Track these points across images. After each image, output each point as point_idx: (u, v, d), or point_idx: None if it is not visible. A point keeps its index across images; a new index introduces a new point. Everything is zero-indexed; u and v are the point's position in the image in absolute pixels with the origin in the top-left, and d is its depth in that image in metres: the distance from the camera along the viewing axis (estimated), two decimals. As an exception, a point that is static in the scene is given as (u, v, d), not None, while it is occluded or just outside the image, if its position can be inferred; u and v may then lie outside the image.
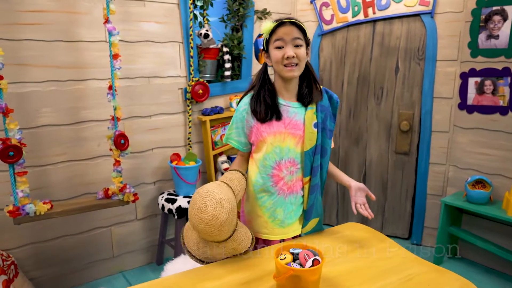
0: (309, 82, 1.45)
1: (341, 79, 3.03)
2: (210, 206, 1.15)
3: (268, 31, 1.35)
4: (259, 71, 1.45)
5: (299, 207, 1.51)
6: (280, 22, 1.34)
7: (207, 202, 1.16)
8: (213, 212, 1.15)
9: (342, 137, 3.12)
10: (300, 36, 1.35)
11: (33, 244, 2.22)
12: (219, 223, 1.16)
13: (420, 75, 2.74)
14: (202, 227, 1.16)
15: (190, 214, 1.18)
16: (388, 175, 3.00)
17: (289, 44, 1.33)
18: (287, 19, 1.34)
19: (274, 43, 1.35)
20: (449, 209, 2.56)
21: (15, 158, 1.79)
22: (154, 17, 2.39)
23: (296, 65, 1.36)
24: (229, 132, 1.49)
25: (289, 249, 1.17)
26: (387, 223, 3.08)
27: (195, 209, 1.17)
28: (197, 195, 1.20)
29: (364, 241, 1.47)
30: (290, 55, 1.33)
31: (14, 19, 1.97)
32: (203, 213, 1.15)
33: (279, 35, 1.34)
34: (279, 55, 1.34)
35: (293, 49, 1.34)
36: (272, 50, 1.36)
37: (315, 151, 1.46)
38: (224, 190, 1.23)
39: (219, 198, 1.18)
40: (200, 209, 1.16)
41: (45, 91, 2.11)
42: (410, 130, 2.84)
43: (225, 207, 1.17)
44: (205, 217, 1.15)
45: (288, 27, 1.33)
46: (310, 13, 3.00)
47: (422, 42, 2.70)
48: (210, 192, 1.18)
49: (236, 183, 1.31)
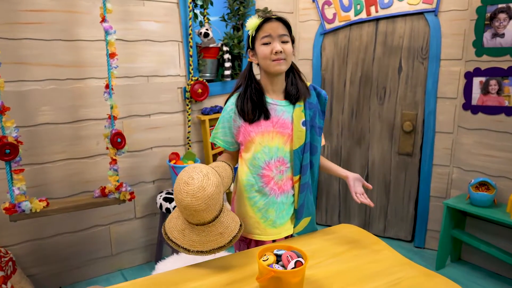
0: (295, 79, 1.44)
1: (343, 78, 3.00)
2: (197, 179, 1.13)
3: (254, 28, 1.35)
4: (244, 71, 1.43)
5: (291, 207, 1.49)
6: (266, 18, 1.33)
7: (194, 175, 1.14)
8: (200, 184, 1.12)
9: (344, 137, 3.09)
10: (286, 33, 1.35)
11: (32, 241, 2.24)
12: (206, 195, 1.12)
13: (424, 75, 2.69)
14: (189, 200, 1.11)
15: (176, 189, 1.15)
16: (391, 177, 2.95)
17: (276, 39, 1.33)
18: (273, 16, 1.34)
19: (262, 40, 1.34)
20: (452, 212, 2.50)
21: (11, 155, 1.81)
22: (154, 16, 2.40)
23: (283, 60, 1.35)
24: (216, 131, 1.48)
25: (273, 250, 1.16)
26: (389, 225, 3.03)
27: (181, 184, 1.14)
28: (182, 172, 1.18)
29: (356, 243, 1.45)
30: (278, 50, 1.32)
31: (14, 18, 1.99)
32: (190, 186, 1.12)
33: (266, 31, 1.33)
34: (267, 50, 1.33)
35: (280, 44, 1.33)
36: (259, 47, 1.36)
37: (304, 149, 1.44)
38: (210, 168, 1.21)
39: (206, 171, 1.16)
40: (186, 182, 1.13)
41: (45, 90, 2.13)
42: (413, 131, 2.78)
43: (212, 180, 1.15)
44: (192, 189, 1.11)
45: (275, 23, 1.33)
46: (312, 12, 2.97)
47: (425, 41, 2.65)
48: (196, 167, 1.17)
49: (221, 169, 1.30)
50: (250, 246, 1.50)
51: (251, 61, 1.43)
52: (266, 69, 1.39)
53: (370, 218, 3.10)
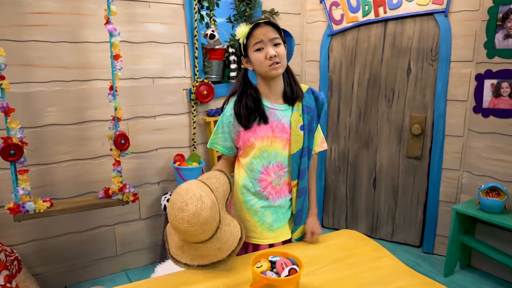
0: (289, 79, 1.42)
1: (351, 80, 2.95)
2: (191, 204, 1.12)
3: (245, 35, 1.33)
4: (239, 76, 1.42)
5: (288, 211, 1.47)
6: (255, 24, 1.32)
7: (187, 200, 1.13)
8: (194, 209, 1.11)
9: (351, 140, 3.04)
10: (277, 35, 1.33)
11: (38, 240, 2.27)
12: (201, 220, 1.12)
13: (433, 77, 2.63)
14: (184, 227, 1.12)
15: (170, 215, 1.15)
16: (399, 180, 2.89)
17: (268, 44, 1.31)
18: (261, 21, 1.32)
19: (254, 46, 1.33)
20: (461, 218, 2.44)
21: (16, 156, 1.84)
22: (159, 18, 2.40)
23: (279, 63, 1.33)
24: (215, 137, 1.47)
25: (268, 257, 1.14)
26: (397, 230, 2.97)
27: (175, 210, 1.13)
28: (175, 195, 1.17)
29: (356, 249, 1.42)
30: (272, 54, 1.30)
31: (21, 21, 2.02)
32: (184, 212, 1.12)
33: (257, 37, 1.31)
34: (261, 56, 1.32)
35: (273, 48, 1.31)
36: (253, 53, 1.34)
37: (301, 154, 1.42)
38: (202, 187, 1.20)
39: (199, 194, 1.15)
40: (180, 209, 1.12)
41: (51, 91, 2.16)
42: (422, 134, 2.73)
43: (206, 203, 1.14)
44: (187, 215, 1.11)
45: (264, 28, 1.32)
46: (320, 13, 2.94)
47: (435, 42, 2.59)
48: (189, 190, 1.15)
49: (214, 181, 1.28)
50: (248, 249, 1.49)
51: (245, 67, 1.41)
52: (262, 75, 1.37)
53: (378, 222, 3.05)
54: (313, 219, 1.49)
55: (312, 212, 1.51)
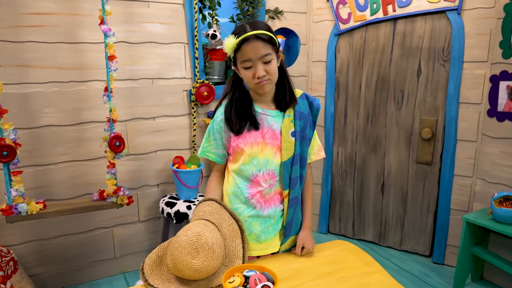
0: (282, 84, 1.34)
1: (358, 81, 2.84)
2: (202, 253, 1.07)
3: (232, 50, 1.21)
4: (229, 79, 1.34)
5: (278, 222, 1.39)
6: (244, 39, 1.18)
7: (199, 247, 1.07)
8: (205, 259, 1.07)
9: (359, 144, 2.93)
10: (269, 51, 1.21)
11: (36, 241, 2.27)
12: (210, 271, 1.09)
13: (445, 78, 2.49)
14: (191, 274, 1.07)
15: (177, 258, 1.06)
16: (408, 186, 2.76)
17: (257, 62, 1.20)
18: (251, 33, 1.18)
19: (242, 64, 1.22)
20: (473, 228, 2.29)
21: (9, 157, 1.82)
22: (159, 18, 2.37)
23: (267, 81, 1.24)
24: (207, 145, 1.39)
25: (243, 271, 1.07)
26: (406, 238, 2.84)
27: (183, 254, 1.06)
28: (185, 237, 1.08)
29: (346, 262, 1.32)
30: (261, 75, 1.20)
31: (18, 21, 2.02)
32: (194, 260, 1.06)
33: (246, 55, 1.19)
34: (249, 75, 1.22)
35: (263, 66, 1.21)
36: (241, 69, 1.24)
37: (293, 162, 1.34)
38: (213, 232, 1.14)
39: (212, 243, 1.09)
40: (190, 255, 1.06)
41: (48, 92, 2.15)
42: (432, 138, 2.59)
43: (216, 253, 1.09)
44: (197, 264, 1.06)
45: (254, 44, 1.18)
46: (327, 12, 2.84)
47: (447, 42, 2.45)
48: (201, 236, 1.08)
49: (217, 216, 1.22)
50: (234, 260, 1.42)
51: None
52: (251, 89, 1.31)
53: (386, 229, 2.92)
54: (307, 233, 1.40)
55: (306, 226, 1.42)
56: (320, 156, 1.45)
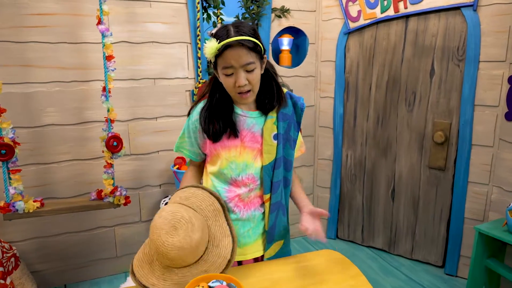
0: (269, 85, 1.27)
1: (368, 82, 2.73)
2: (180, 228, 1.02)
3: (213, 54, 1.13)
4: (210, 79, 1.29)
5: (258, 226, 1.34)
6: (226, 45, 1.10)
7: (176, 224, 1.02)
8: (185, 233, 1.02)
9: (369, 147, 2.81)
10: (252, 59, 1.13)
11: (38, 238, 2.30)
12: (194, 244, 1.03)
13: (460, 79, 2.35)
14: (175, 253, 1.01)
15: (157, 241, 1.01)
16: (420, 192, 2.63)
17: (239, 70, 1.12)
18: (234, 39, 1.09)
19: (223, 70, 1.14)
20: (486, 239, 2.14)
21: (7, 156, 1.85)
22: (161, 17, 2.35)
23: (249, 92, 1.18)
24: (181, 141, 1.36)
25: (209, 281, 1.02)
26: (417, 247, 2.70)
27: (162, 235, 1.01)
28: (160, 219, 1.04)
29: (330, 274, 1.25)
30: (242, 84, 1.13)
31: (21, 22, 2.05)
32: (174, 237, 1.01)
33: (227, 62, 1.11)
34: (230, 83, 1.15)
35: (245, 74, 1.13)
36: (221, 76, 1.16)
37: (274, 165, 1.28)
38: (189, 209, 1.10)
39: (188, 216, 1.05)
40: (169, 233, 1.01)
41: (50, 92, 2.18)
42: (446, 142, 2.45)
43: (196, 225, 1.05)
44: (178, 240, 1.01)
45: (236, 51, 1.10)
46: (336, 10, 2.74)
47: (462, 40, 2.30)
48: (175, 213, 1.05)
49: (193, 200, 1.17)
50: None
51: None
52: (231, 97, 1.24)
53: (396, 236, 2.79)
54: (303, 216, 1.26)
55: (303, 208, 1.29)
56: (301, 152, 1.40)
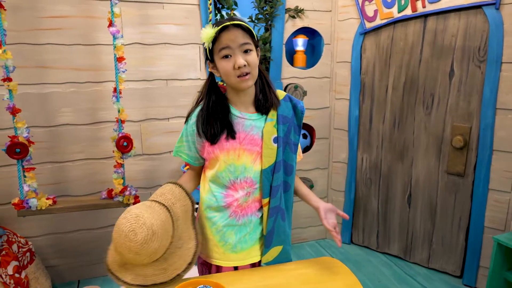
0: (263, 87, 1.25)
1: (385, 83, 2.65)
2: (140, 234, 1.01)
3: (210, 39, 1.15)
4: (206, 82, 1.28)
5: (256, 231, 1.32)
6: (222, 27, 1.13)
7: (136, 229, 1.01)
8: (143, 240, 1.01)
9: (384, 150, 2.73)
10: (248, 40, 1.15)
11: (54, 234, 2.38)
12: (150, 251, 1.03)
13: (481, 81, 2.24)
14: (131, 256, 1.02)
15: (117, 241, 1.02)
16: (438, 199, 2.52)
17: (237, 51, 1.14)
18: (229, 22, 1.14)
19: (220, 53, 1.15)
20: (506, 250, 2.03)
21: (21, 154, 1.92)
22: (174, 19, 2.37)
23: (248, 74, 1.16)
24: (179, 145, 1.35)
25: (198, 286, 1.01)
26: (434, 255, 2.60)
27: (122, 236, 1.01)
28: (123, 219, 1.04)
29: (326, 283, 1.21)
30: (241, 64, 1.13)
31: (37, 25, 2.12)
32: (132, 242, 1.00)
33: (224, 43, 1.13)
34: (228, 66, 1.15)
35: (243, 56, 1.14)
36: (219, 61, 1.17)
37: (274, 169, 1.26)
38: (156, 211, 1.09)
39: (150, 223, 1.03)
40: (128, 237, 1.00)
41: (65, 92, 2.24)
42: (465, 147, 2.34)
43: (157, 233, 1.04)
44: (134, 246, 1.00)
45: (233, 32, 1.13)
46: (352, 9, 2.67)
47: (483, 40, 2.19)
48: (139, 217, 1.03)
49: (169, 196, 1.17)
50: (212, 270, 1.36)
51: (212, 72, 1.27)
52: (231, 86, 1.23)
53: (412, 244, 2.70)
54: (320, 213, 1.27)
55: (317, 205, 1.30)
56: (299, 158, 1.38)
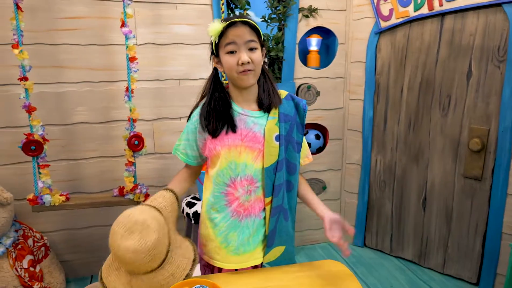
0: (266, 85, 1.26)
1: (400, 84, 2.59)
2: (135, 231, 1.00)
3: (217, 34, 1.17)
4: (209, 77, 1.29)
5: (259, 233, 1.31)
6: (230, 23, 1.15)
7: (131, 227, 1.01)
8: (139, 235, 1.00)
9: (399, 152, 2.67)
10: (254, 38, 1.17)
11: (68, 230, 2.44)
12: (149, 246, 1.01)
13: (500, 82, 2.16)
14: (131, 257, 1.00)
15: (113, 246, 1.02)
16: (454, 203, 2.45)
17: (242, 47, 1.15)
18: (238, 19, 1.16)
19: (225, 48, 1.17)
20: (524, 258, 1.95)
21: (36, 152, 1.97)
22: (186, 19, 2.39)
23: (251, 71, 1.17)
24: (178, 143, 1.37)
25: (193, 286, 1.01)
26: (450, 261, 2.52)
27: (117, 239, 1.01)
28: (116, 223, 1.04)
29: (329, 286, 1.19)
30: (245, 61, 1.14)
31: (53, 25, 2.17)
32: (128, 240, 0.99)
33: (231, 38, 1.16)
34: (232, 61, 1.16)
35: (248, 53, 1.16)
36: (224, 56, 1.19)
37: (276, 168, 1.25)
38: (146, 210, 1.09)
39: (143, 218, 1.03)
40: (123, 237, 1.00)
41: (81, 91, 2.29)
42: (483, 150, 2.26)
43: (151, 226, 1.03)
44: (132, 244, 0.99)
45: (240, 28, 1.15)
46: (367, 9, 2.62)
47: (503, 40, 2.11)
48: (131, 216, 1.04)
49: (160, 200, 1.18)
50: (214, 271, 1.37)
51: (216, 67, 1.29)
52: (232, 82, 1.24)
53: (427, 249, 2.63)
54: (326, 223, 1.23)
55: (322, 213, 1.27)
56: (309, 160, 1.37)
